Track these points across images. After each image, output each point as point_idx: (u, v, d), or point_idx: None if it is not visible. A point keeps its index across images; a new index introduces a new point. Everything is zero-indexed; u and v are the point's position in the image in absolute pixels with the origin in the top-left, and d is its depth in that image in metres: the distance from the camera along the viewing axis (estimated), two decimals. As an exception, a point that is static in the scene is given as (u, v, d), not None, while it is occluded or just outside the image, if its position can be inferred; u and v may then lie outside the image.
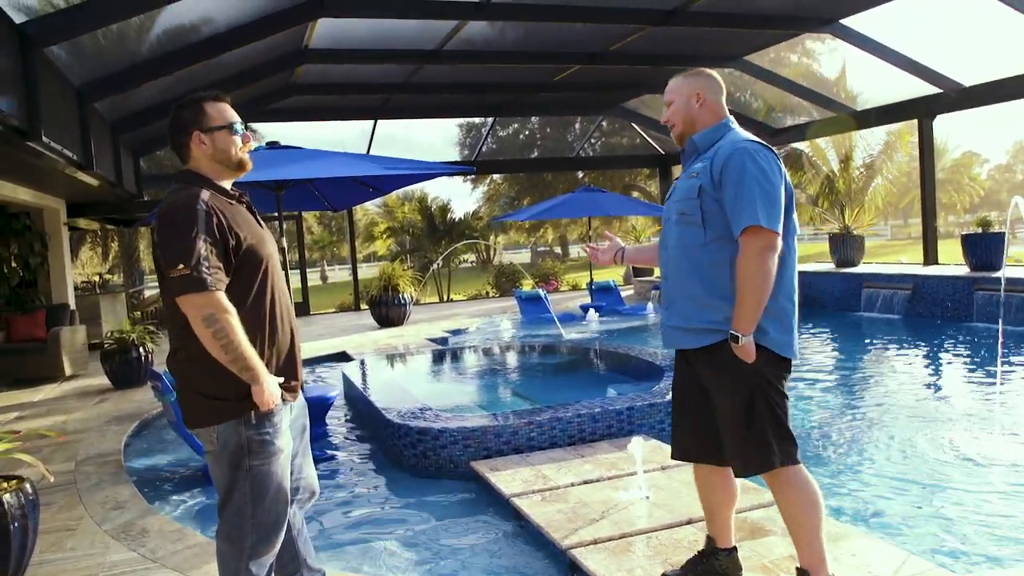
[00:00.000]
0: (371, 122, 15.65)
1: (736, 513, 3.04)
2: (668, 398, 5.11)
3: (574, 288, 20.27)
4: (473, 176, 32.91)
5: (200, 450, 4.81)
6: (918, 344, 8.90)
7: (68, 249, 12.35)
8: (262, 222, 2.63)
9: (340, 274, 44.81)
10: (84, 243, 28.11)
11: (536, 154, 32.77)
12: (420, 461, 4.91)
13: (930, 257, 11.78)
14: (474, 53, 11.49)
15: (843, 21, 10.75)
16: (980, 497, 4.02)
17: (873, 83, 13.38)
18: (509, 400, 7.19)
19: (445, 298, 22.80)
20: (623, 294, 14.57)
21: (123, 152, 10.87)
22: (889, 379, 7.18)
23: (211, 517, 2.76)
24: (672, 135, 2.89)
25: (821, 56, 20.97)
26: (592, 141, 25.30)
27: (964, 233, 10.51)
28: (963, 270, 10.33)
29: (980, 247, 10.04)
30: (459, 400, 7.12)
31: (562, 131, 29.70)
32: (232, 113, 2.56)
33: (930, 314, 10.21)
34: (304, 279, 18.15)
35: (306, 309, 17.25)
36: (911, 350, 8.68)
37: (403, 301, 13.22)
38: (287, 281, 3.01)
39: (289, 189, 6.52)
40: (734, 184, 2.57)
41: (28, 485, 3.31)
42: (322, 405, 6.12)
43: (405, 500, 4.54)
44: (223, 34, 8.43)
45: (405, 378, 7.60)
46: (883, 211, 29.38)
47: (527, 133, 33.56)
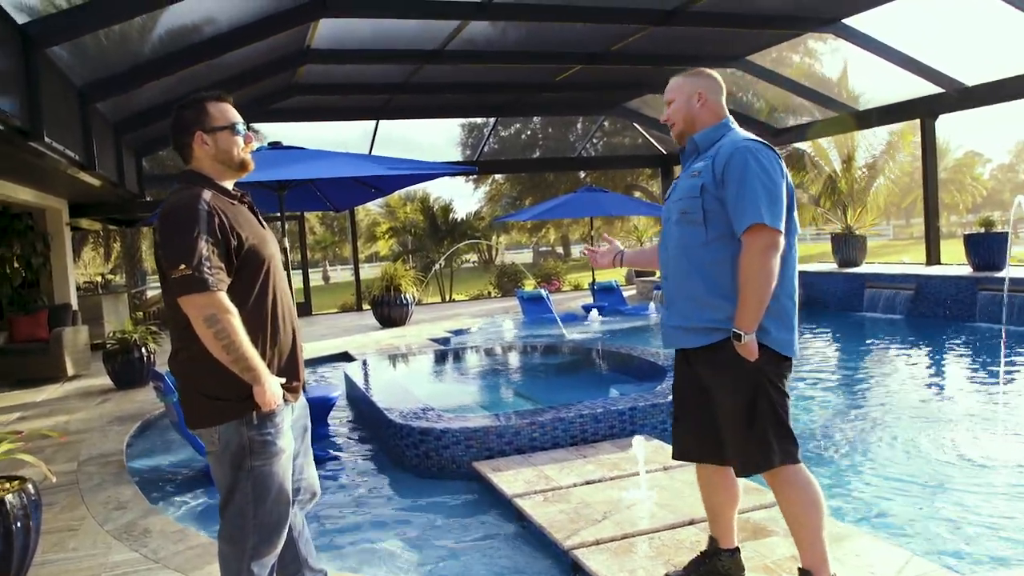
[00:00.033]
0: (373, 122, 15.67)
1: (739, 514, 3.03)
2: (670, 398, 5.10)
3: (576, 288, 20.26)
4: (475, 176, 32.93)
5: (202, 450, 4.81)
6: (921, 344, 8.89)
7: (70, 249, 12.37)
8: (264, 222, 2.63)
9: (342, 274, 44.80)
10: (86, 243, 28.19)
11: (538, 154, 32.79)
12: (422, 461, 4.91)
13: (933, 257, 11.76)
14: (476, 53, 11.49)
15: (845, 21, 10.74)
16: (983, 498, 4.01)
17: (875, 83, 13.37)
18: (511, 400, 7.19)
19: (447, 298, 22.81)
20: (625, 294, 14.56)
21: (125, 152, 10.88)
22: (892, 379, 7.16)
23: (213, 517, 2.75)
24: (672, 134, 2.89)
25: (823, 56, 20.97)
26: (594, 141, 25.29)
27: (967, 233, 10.50)
28: (966, 270, 10.31)
29: (983, 247, 10.03)
30: (461, 400, 7.12)
31: (564, 131, 29.71)
32: (234, 113, 2.55)
33: (933, 314, 10.20)
34: (306, 279, 18.17)
35: (308, 309, 17.27)
36: (914, 350, 8.67)
37: (405, 301, 13.22)
38: (289, 281, 3.01)
39: (291, 189, 6.52)
40: (737, 182, 2.57)
41: (30, 485, 3.31)
42: (324, 405, 6.12)
43: (407, 501, 4.54)
44: (225, 34, 8.44)
45: (407, 378, 7.60)
46: (885, 211, 29.36)
47: (529, 133, 33.56)
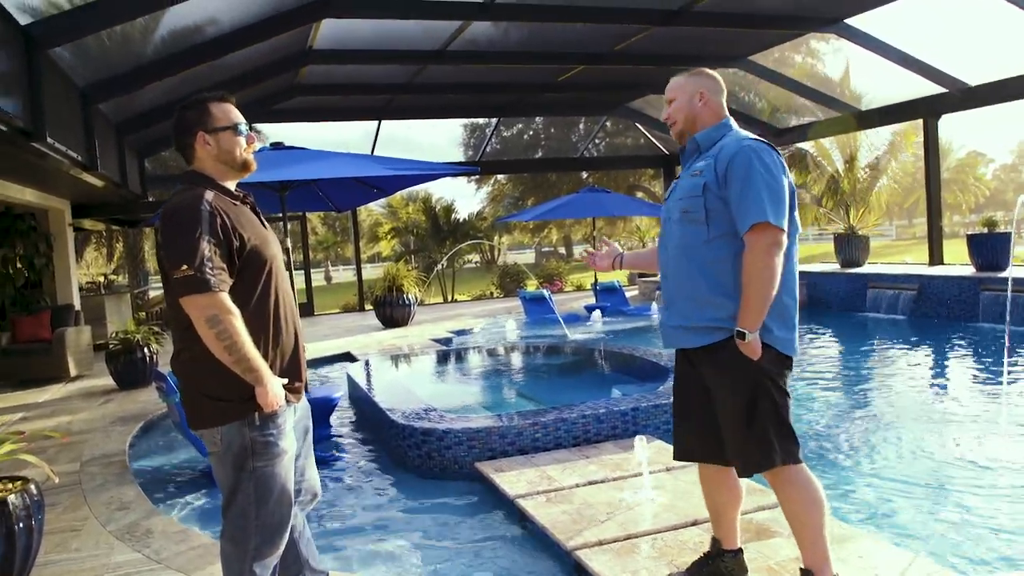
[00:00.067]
0: (375, 123, 15.67)
1: (741, 514, 3.03)
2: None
3: (578, 288, 20.25)
4: (477, 177, 32.94)
5: (204, 451, 4.81)
6: (924, 345, 8.87)
7: (73, 250, 12.39)
8: (266, 223, 2.63)
9: (344, 274, 44.84)
10: (89, 244, 28.24)
11: (540, 154, 32.78)
12: (425, 462, 4.91)
13: (935, 257, 11.73)
14: (478, 53, 11.49)
15: (847, 21, 10.72)
16: (986, 499, 4.00)
17: (878, 83, 13.35)
18: (514, 401, 7.18)
19: (449, 299, 22.81)
20: (627, 294, 14.55)
21: (128, 153, 10.89)
22: (894, 380, 7.15)
23: (216, 518, 2.75)
24: (672, 132, 2.89)
25: (825, 56, 20.93)
26: (596, 141, 25.29)
27: (970, 233, 10.48)
28: (969, 270, 10.29)
29: (986, 247, 10.01)
30: (463, 401, 7.11)
31: (566, 131, 29.71)
32: (237, 114, 2.55)
33: (935, 314, 10.18)
34: (308, 280, 18.18)
35: (310, 310, 17.28)
36: (916, 351, 8.65)
37: (407, 302, 13.22)
38: (291, 282, 3.01)
39: (293, 190, 6.52)
40: (740, 181, 2.57)
41: (33, 486, 3.31)
42: (326, 406, 6.11)
43: (409, 501, 4.54)
44: (227, 35, 8.44)
45: (409, 379, 7.59)
46: (888, 211, 29.31)
47: (531, 133, 33.55)
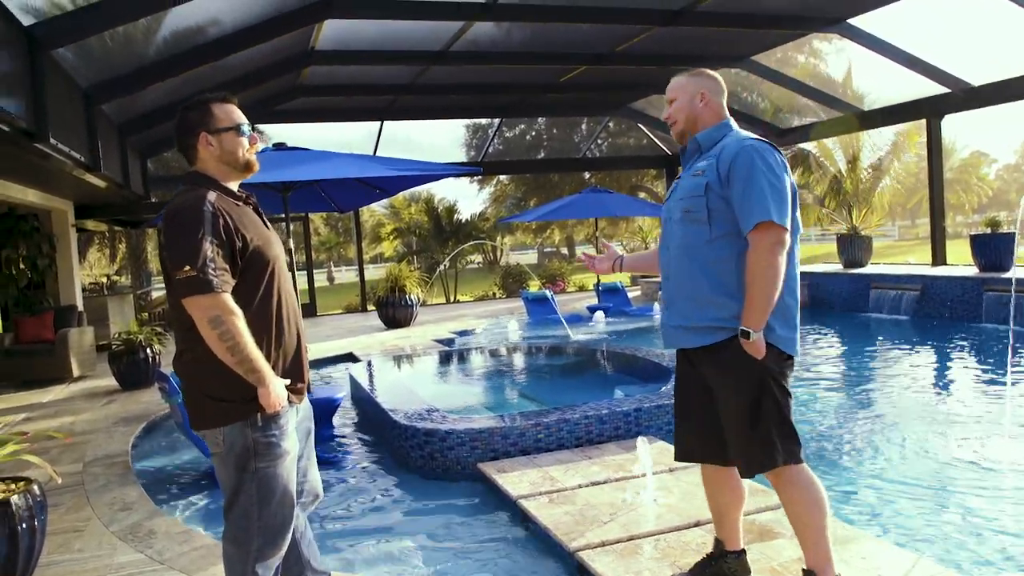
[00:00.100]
0: (377, 123, 15.68)
1: (744, 515, 3.02)
2: (675, 399, 5.09)
3: (581, 289, 20.25)
4: (480, 177, 32.94)
5: (207, 452, 4.81)
6: (927, 345, 8.85)
7: (76, 250, 12.40)
8: (269, 223, 2.63)
9: (347, 275, 44.88)
10: (92, 244, 28.24)
11: (543, 155, 32.74)
12: (427, 463, 4.90)
13: (939, 258, 11.71)
14: (480, 54, 11.49)
15: (850, 21, 10.71)
16: (990, 500, 3.98)
17: (881, 83, 13.35)
18: (516, 402, 7.18)
19: (452, 299, 22.82)
20: (630, 295, 14.54)
21: (130, 154, 10.90)
22: (897, 381, 7.13)
23: (218, 519, 2.75)
24: (672, 132, 2.89)
25: (828, 56, 20.93)
26: (599, 142, 25.28)
27: (973, 233, 10.45)
28: (972, 271, 10.27)
29: (989, 247, 9.98)
30: (466, 401, 7.11)
31: (569, 132, 29.68)
32: (239, 114, 2.55)
33: (939, 315, 10.16)
34: (311, 280, 18.19)
35: (313, 310, 17.28)
36: (920, 351, 8.63)
37: (410, 302, 13.22)
38: (294, 282, 3.01)
39: (296, 190, 6.52)
40: (743, 181, 2.57)
41: (36, 487, 3.31)
42: (329, 406, 6.12)
43: (411, 502, 4.54)
44: (230, 36, 8.45)
45: (412, 379, 7.60)
46: (890, 211, 29.26)
47: (534, 134, 33.55)
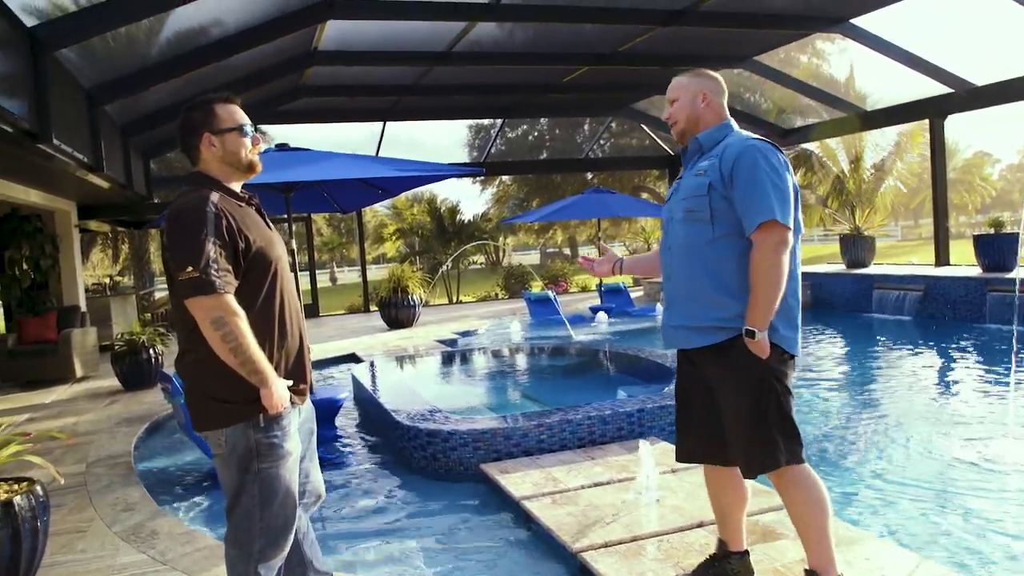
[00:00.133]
0: (380, 124, 15.68)
1: (748, 516, 3.02)
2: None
3: (583, 290, 20.24)
4: (482, 178, 32.93)
5: (209, 452, 4.81)
6: (930, 346, 8.84)
7: (79, 251, 12.42)
8: (271, 224, 2.63)
9: (349, 276, 44.87)
10: (95, 245, 28.30)
11: (545, 155, 32.74)
12: (430, 463, 4.90)
13: (942, 258, 11.69)
14: (483, 54, 11.48)
15: (853, 21, 10.69)
16: (994, 501, 3.98)
17: (883, 83, 13.34)
18: (519, 402, 7.17)
19: (454, 300, 22.81)
20: (632, 295, 14.53)
21: (133, 154, 10.91)
22: (900, 381, 7.12)
23: (221, 519, 2.75)
24: (673, 132, 2.89)
25: (831, 56, 20.95)
26: (601, 142, 25.26)
27: (976, 234, 10.43)
28: (975, 271, 10.25)
29: (992, 248, 9.97)
30: (469, 402, 7.10)
31: (571, 132, 29.66)
32: (242, 115, 2.55)
33: (942, 315, 10.14)
34: (313, 281, 18.21)
35: (315, 311, 17.29)
36: (923, 352, 8.61)
37: (412, 303, 13.22)
38: (296, 283, 3.01)
39: (298, 191, 6.53)
40: (746, 181, 2.56)
41: (39, 487, 3.32)
42: (331, 407, 6.12)
43: (414, 502, 4.54)
44: (232, 36, 8.45)
45: (414, 380, 7.59)
46: (893, 212, 29.21)
47: (536, 135, 33.54)
